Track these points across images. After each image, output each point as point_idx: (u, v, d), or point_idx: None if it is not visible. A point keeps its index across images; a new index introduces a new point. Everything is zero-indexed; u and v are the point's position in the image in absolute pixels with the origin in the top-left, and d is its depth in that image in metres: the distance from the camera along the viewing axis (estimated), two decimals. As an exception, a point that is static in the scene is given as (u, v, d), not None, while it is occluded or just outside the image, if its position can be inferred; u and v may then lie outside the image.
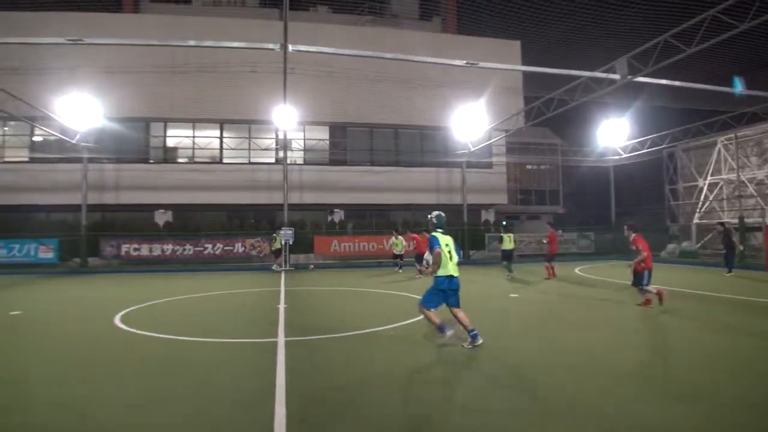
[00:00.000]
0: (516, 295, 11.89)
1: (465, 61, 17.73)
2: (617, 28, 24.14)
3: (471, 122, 22.39)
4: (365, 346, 6.83)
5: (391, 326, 7.98)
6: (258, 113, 23.14)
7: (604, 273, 17.17)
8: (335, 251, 23.42)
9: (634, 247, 9.70)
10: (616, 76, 15.30)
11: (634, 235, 9.74)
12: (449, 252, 6.36)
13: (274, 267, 20.50)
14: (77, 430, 4.03)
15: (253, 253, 22.65)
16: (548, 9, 23.01)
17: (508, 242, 15.54)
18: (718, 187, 24.25)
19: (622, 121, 25.11)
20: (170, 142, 24.91)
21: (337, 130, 25.79)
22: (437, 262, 6.29)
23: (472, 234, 24.97)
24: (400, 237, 18.42)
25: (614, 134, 25.30)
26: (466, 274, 14.98)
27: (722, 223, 17.07)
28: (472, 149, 24.24)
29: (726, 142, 23.55)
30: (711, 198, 24.48)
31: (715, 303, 10.32)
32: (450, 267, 6.32)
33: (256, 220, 24.26)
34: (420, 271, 15.37)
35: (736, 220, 20.90)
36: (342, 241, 23.61)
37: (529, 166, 32.54)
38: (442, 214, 6.64)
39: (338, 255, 23.47)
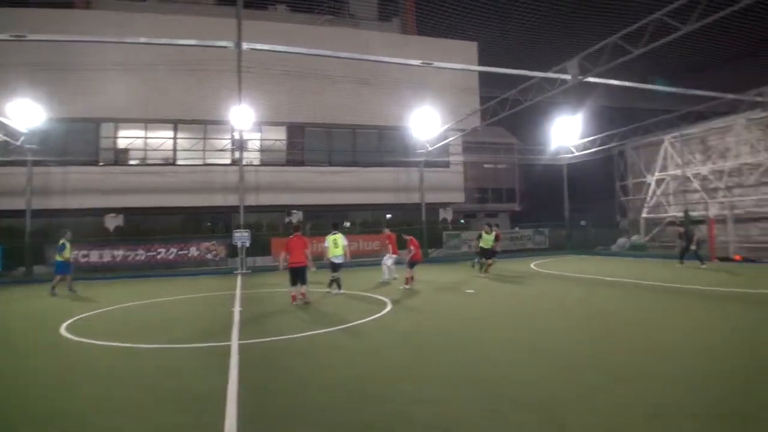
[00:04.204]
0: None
1: (421, 61, 17.83)
2: (569, 30, 24.80)
3: (428, 122, 22.54)
4: (319, 347, 6.88)
5: (343, 326, 8.07)
6: (213, 114, 22.68)
7: (557, 267, 17.59)
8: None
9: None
10: (567, 77, 15.46)
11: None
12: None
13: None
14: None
15: (209, 256, 22.17)
16: (504, 11, 23.48)
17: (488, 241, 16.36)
18: (664, 183, 25.16)
19: (574, 121, 25.79)
20: (121, 144, 24.10)
21: (295, 131, 25.50)
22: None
23: (431, 232, 25.10)
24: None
25: (567, 133, 25.98)
26: (426, 273, 15.20)
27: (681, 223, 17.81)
28: (430, 149, 24.41)
29: (672, 140, 24.51)
30: (658, 193, 25.37)
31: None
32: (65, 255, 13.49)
33: (211, 223, 23.73)
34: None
35: (681, 214, 21.76)
36: (301, 242, 23.24)
37: (486, 165, 32.97)
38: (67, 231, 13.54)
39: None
